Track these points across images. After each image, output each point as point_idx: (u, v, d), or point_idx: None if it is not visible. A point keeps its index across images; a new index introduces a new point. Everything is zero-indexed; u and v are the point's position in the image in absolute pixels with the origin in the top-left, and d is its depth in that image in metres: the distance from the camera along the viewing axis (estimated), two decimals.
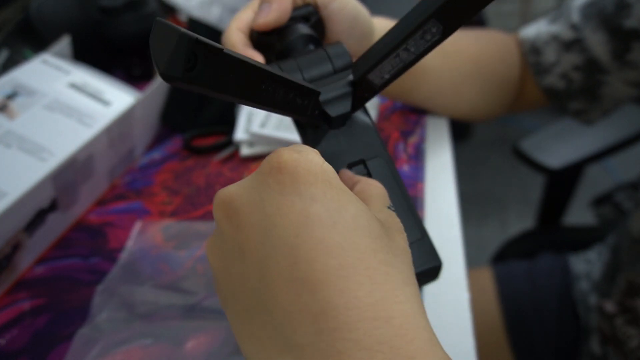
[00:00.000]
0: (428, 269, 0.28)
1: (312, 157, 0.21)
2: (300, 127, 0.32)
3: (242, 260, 0.21)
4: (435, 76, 0.51)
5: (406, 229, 0.24)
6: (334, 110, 0.29)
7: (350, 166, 0.30)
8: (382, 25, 0.45)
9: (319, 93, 0.28)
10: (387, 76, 0.28)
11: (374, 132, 0.31)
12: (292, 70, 0.31)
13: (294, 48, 0.34)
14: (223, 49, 0.20)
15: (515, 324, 0.67)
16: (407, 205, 0.29)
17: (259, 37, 0.36)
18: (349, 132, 0.31)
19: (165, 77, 0.19)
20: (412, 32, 0.25)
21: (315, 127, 0.30)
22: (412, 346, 0.18)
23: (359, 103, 0.30)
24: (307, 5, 0.37)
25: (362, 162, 0.30)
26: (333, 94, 0.30)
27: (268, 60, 0.36)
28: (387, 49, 0.26)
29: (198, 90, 0.20)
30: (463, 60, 0.53)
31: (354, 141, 0.30)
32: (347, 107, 0.30)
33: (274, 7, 0.34)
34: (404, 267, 0.21)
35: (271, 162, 0.21)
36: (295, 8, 0.37)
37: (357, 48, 0.40)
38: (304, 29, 0.35)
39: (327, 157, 0.28)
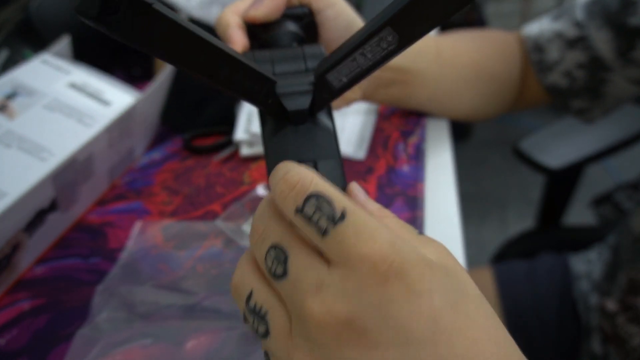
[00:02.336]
0: None
1: (406, 246, 0.20)
2: (262, 116, 0.32)
3: None
4: (432, 82, 0.51)
5: None
6: (291, 104, 0.29)
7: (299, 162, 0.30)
8: None
9: (274, 82, 0.28)
10: (344, 79, 0.28)
11: (333, 137, 0.31)
12: (264, 60, 0.31)
13: (275, 42, 0.35)
14: (152, 4, 0.19)
15: (515, 324, 0.67)
16: None
17: (248, 27, 0.37)
18: (309, 132, 0.31)
19: (79, 13, 0.18)
20: (367, 37, 0.25)
21: (276, 118, 0.30)
22: None
23: (318, 103, 0.30)
24: (302, 6, 0.38)
25: (314, 162, 0.29)
26: (294, 88, 0.30)
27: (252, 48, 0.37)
28: (345, 52, 0.27)
29: (117, 38, 0.20)
30: (461, 64, 0.53)
31: (311, 141, 0.30)
32: (305, 104, 0.29)
33: (267, 3, 0.35)
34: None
35: (372, 264, 0.19)
36: (290, 7, 0.37)
37: None
38: (291, 26, 0.36)
39: (280, 150, 0.29)
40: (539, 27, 0.57)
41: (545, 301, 0.67)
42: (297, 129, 0.30)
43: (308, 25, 0.38)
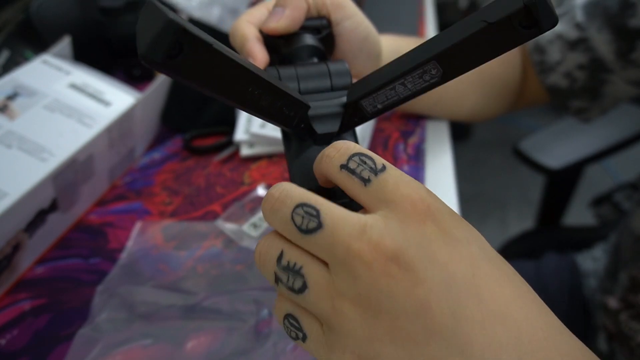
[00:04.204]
0: None
1: (435, 198, 0.22)
2: (286, 136, 0.31)
3: (426, 314, 0.20)
4: (439, 87, 0.51)
5: None
6: (321, 128, 0.29)
7: (322, 191, 0.30)
8: (390, 46, 0.45)
9: (308, 107, 0.28)
10: (379, 106, 0.28)
11: None
12: (290, 78, 0.31)
13: (297, 56, 0.34)
14: (212, 44, 0.20)
15: None
16: None
17: (265, 39, 0.35)
18: None
19: (144, 60, 0.18)
20: (411, 69, 0.25)
21: (300, 139, 0.30)
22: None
23: (347, 125, 0.30)
24: (321, 18, 0.37)
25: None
26: (324, 110, 0.29)
27: (271, 62, 0.36)
28: (385, 80, 0.26)
29: (177, 79, 0.20)
30: None
31: None
32: (335, 127, 0.29)
33: (287, 14, 0.34)
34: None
35: (411, 203, 0.21)
36: (309, 18, 0.36)
37: (362, 68, 0.40)
38: (311, 39, 0.35)
39: (305, 171, 0.28)
40: None
41: (555, 300, 0.67)
42: (321, 148, 0.30)
43: (325, 37, 0.37)
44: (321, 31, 0.36)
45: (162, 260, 0.44)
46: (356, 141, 0.31)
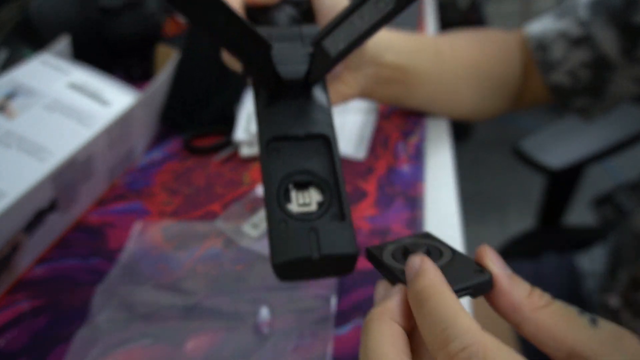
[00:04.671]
0: (342, 254, 0.26)
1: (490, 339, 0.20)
2: (256, 87, 0.32)
3: None
4: (431, 81, 0.51)
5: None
6: (286, 73, 0.29)
7: (294, 138, 0.29)
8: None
9: (269, 46, 0.28)
10: (342, 45, 0.27)
11: (327, 113, 0.31)
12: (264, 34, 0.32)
13: (275, 24, 0.36)
14: None
15: None
16: (339, 190, 0.28)
17: (248, 11, 0.37)
18: (303, 105, 0.30)
19: None
20: None
21: (270, 90, 0.30)
22: None
23: (314, 73, 0.30)
24: None
25: (306, 135, 0.29)
26: (289, 57, 0.30)
27: None
28: (342, 16, 0.26)
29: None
30: (461, 63, 0.53)
31: (305, 115, 0.30)
32: (301, 73, 0.29)
33: None
34: None
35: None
36: None
37: None
38: (289, 10, 0.37)
39: (272, 121, 0.29)
40: (541, 26, 0.57)
41: None
42: (290, 102, 0.30)
43: (306, 12, 0.38)
44: (301, 5, 0.38)
45: (162, 260, 0.44)
46: (326, 97, 0.31)
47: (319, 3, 0.39)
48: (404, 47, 0.48)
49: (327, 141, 0.29)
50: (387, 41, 0.47)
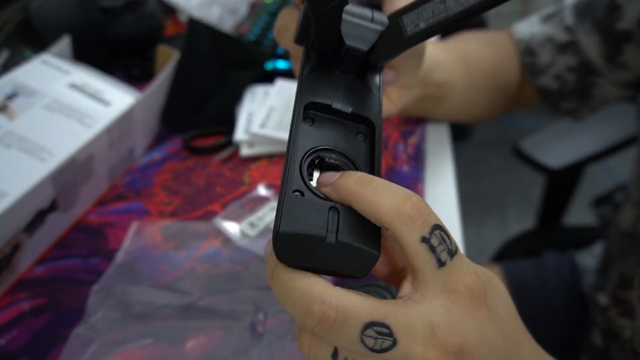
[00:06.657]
0: (362, 248, 0.22)
1: (486, 277, 0.24)
2: (308, 51, 0.28)
3: None
4: (460, 94, 0.51)
5: None
6: (351, 39, 0.26)
7: (334, 112, 0.26)
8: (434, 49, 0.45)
9: (345, 0, 0.24)
10: (422, 25, 0.24)
11: (379, 100, 0.27)
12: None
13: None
14: None
15: (524, 320, 0.67)
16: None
17: None
18: (355, 84, 0.27)
19: None
20: None
21: (323, 57, 0.27)
22: None
23: (380, 51, 0.26)
24: None
25: (351, 114, 0.26)
26: (357, 31, 0.26)
27: None
28: None
29: None
30: (480, 73, 0.54)
31: (354, 93, 0.26)
32: (366, 45, 0.26)
33: None
34: None
35: (470, 292, 0.22)
36: None
37: (404, 61, 0.38)
38: None
39: (315, 88, 0.25)
40: (529, 29, 0.57)
41: (555, 297, 0.67)
42: (342, 75, 0.27)
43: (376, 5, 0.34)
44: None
45: (162, 260, 0.44)
46: (380, 91, 0.28)
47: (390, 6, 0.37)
48: (446, 64, 0.47)
49: (372, 128, 0.26)
50: (433, 58, 0.44)
